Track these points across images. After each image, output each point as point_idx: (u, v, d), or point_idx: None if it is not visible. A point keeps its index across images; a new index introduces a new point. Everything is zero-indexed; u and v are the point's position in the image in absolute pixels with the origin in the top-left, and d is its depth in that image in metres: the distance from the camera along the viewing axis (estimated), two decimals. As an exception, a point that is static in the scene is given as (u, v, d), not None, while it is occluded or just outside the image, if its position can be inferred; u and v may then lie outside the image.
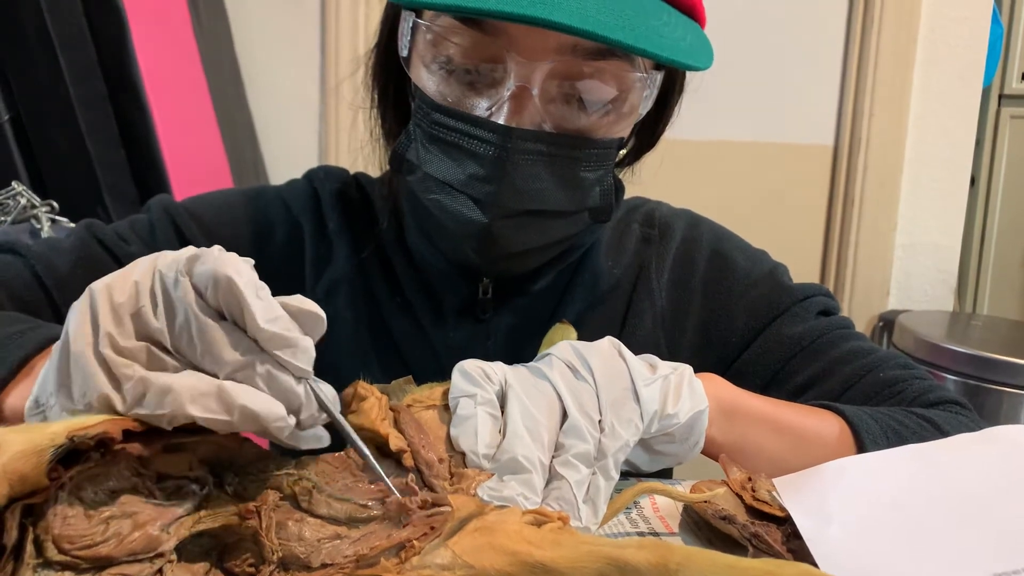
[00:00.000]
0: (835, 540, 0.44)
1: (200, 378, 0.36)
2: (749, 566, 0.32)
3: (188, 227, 0.73)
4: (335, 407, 0.41)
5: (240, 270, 0.36)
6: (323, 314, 0.40)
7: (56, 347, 0.37)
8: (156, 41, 1.31)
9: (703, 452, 0.56)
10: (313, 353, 0.39)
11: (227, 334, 0.36)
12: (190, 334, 0.36)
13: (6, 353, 0.49)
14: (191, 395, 0.35)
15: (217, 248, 0.37)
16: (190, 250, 0.37)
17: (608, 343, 0.52)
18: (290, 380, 0.38)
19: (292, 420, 0.38)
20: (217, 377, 0.37)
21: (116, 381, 0.35)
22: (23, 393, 0.47)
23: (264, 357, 0.37)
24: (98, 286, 0.37)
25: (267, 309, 0.37)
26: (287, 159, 1.69)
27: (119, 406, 0.35)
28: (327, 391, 0.40)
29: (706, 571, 0.32)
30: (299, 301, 0.39)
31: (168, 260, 0.37)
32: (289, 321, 0.38)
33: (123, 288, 0.36)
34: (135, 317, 0.36)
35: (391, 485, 0.40)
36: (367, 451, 0.41)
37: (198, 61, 1.44)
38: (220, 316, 0.37)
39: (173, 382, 0.35)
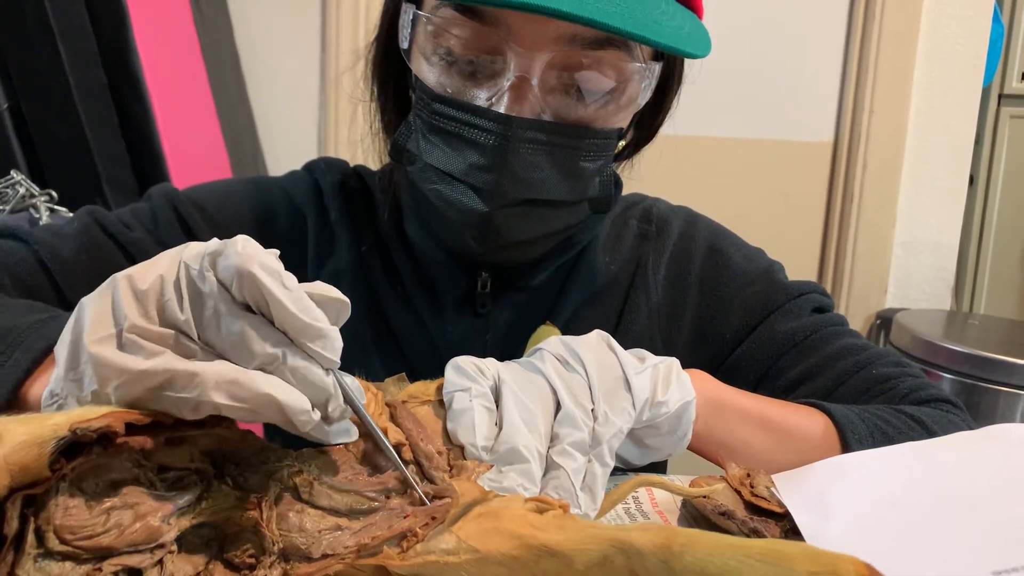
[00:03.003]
0: (834, 537, 0.44)
1: (227, 365, 0.36)
2: (752, 544, 0.32)
3: (191, 215, 0.73)
4: (360, 398, 0.40)
5: (264, 262, 0.36)
6: (347, 300, 0.39)
7: (65, 335, 0.37)
8: (156, 32, 1.31)
9: (691, 448, 0.56)
10: (340, 344, 0.38)
11: (255, 328, 0.36)
12: (218, 328, 0.36)
13: (29, 342, 0.49)
14: (216, 381, 0.35)
15: (241, 239, 0.36)
16: (214, 243, 0.37)
17: (596, 336, 0.52)
18: (320, 372, 0.37)
19: (317, 415, 0.38)
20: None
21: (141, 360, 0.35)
22: (46, 383, 0.47)
23: (294, 349, 0.37)
24: (120, 276, 0.36)
25: (295, 300, 0.36)
26: (286, 151, 1.69)
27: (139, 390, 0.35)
28: (350, 382, 0.40)
29: (710, 551, 0.32)
30: (322, 288, 0.38)
31: (192, 252, 0.37)
32: (317, 311, 0.37)
33: (146, 278, 0.36)
34: (160, 310, 0.36)
35: (410, 476, 0.40)
36: (388, 442, 0.41)
37: (198, 52, 1.44)
38: (247, 308, 0.36)
39: (200, 368, 0.35)
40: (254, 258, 0.35)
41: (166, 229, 0.72)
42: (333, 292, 0.38)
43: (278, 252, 0.37)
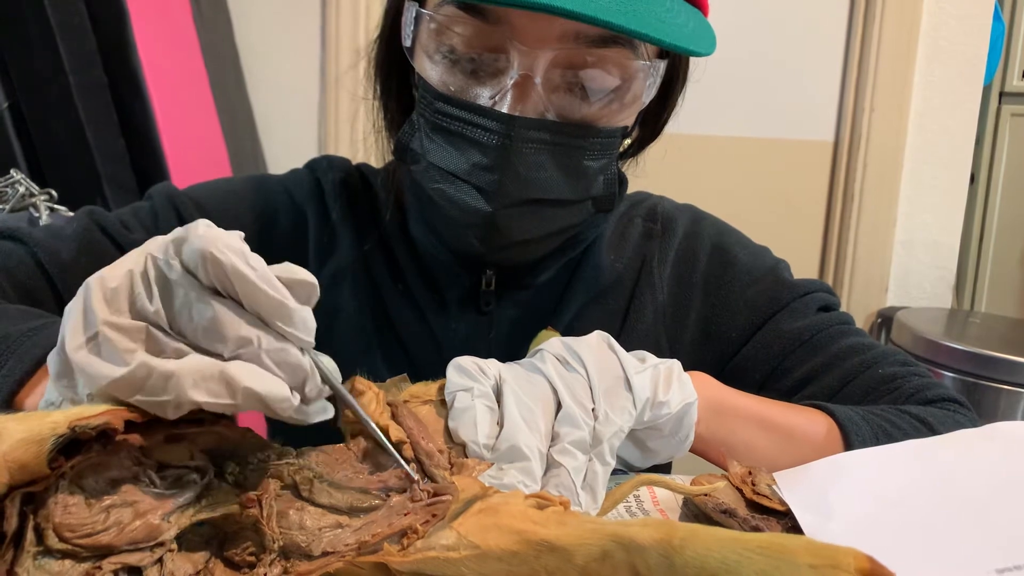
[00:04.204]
0: (836, 535, 0.44)
1: (203, 361, 0.35)
2: (752, 538, 0.32)
3: (191, 215, 0.72)
4: (336, 378, 0.40)
5: (228, 243, 0.35)
6: (315, 280, 0.38)
7: (58, 343, 0.36)
8: (156, 31, 1.31)
9: (693, 450, 0.56)
10: (313, 323, 0.38)
11: (225, 311, 0.35)
12: (190, 315, 0.35)
13: (22, 351, 0.49)
14: (193, 379, 0.34)
15: (203, 223, 0.35)
16: (177, 230, 0.36)
17: (597, 336, 0.52)
18: (296, 352, 0.37)
19: (296, 399, 0.37)
20: (221, 356, 0.36)
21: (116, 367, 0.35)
22: (42, 392, 0.47)
23: (268, 331, 0.36)
24: (92, 279, 0.36)
25: (262, 277, 0.36)
26: (287, 150, 1.69)
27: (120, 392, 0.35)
28: (327, 363, 0.40)
29: (710, 545, 0.32)
30: (289, 271, 0.38)
31: (158, 243, 0.36)
32: (284, 288, 0.37)
33: (115, 276, 0.36)
34: (132, 304, 0.35)
35: (400, 459, 0.40)
36: (371, 420, 0.41)
37: (198, 51, 1.44)
38: (216, 292, 0.36)
39: (175, 367, 0.34)
40: (217, 239, 0.35)
41: (166, 229, 0.71)
42: (301, 273, 0.38)
43: (242, 234, 0.37)
